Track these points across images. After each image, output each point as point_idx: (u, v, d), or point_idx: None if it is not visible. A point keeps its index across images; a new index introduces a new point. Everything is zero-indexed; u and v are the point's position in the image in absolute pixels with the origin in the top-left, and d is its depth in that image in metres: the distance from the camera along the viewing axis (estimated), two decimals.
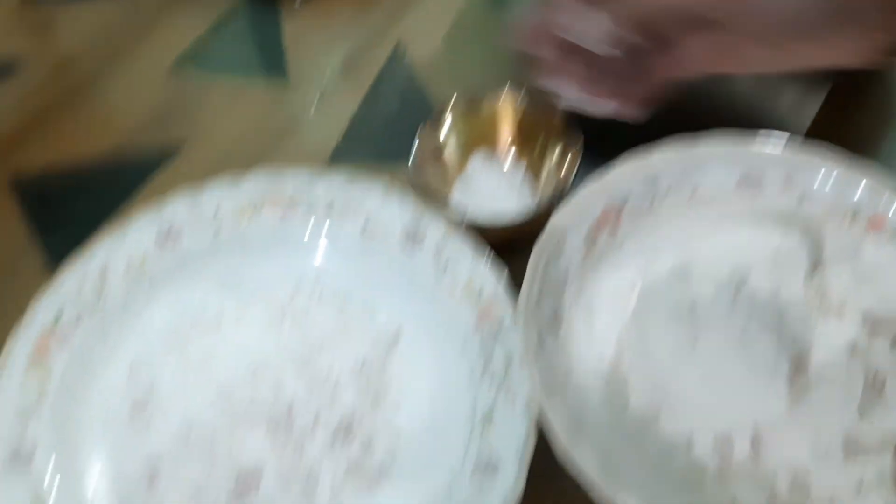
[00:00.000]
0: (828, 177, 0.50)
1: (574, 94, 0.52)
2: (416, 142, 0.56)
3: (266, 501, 0.44)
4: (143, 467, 0.45)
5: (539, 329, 0.45)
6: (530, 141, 0.58)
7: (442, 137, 0.58)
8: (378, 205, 0.54)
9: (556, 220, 0.49)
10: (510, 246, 0.52)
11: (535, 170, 0.58)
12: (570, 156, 0.56)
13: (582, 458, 0.41)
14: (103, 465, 0.47)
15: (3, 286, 0.57)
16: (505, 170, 0.58)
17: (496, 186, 0.57)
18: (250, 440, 0.45)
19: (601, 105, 0.52)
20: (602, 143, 0.53)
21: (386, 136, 0.63)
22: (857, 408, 0.45)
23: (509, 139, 0.59)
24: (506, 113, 0.59)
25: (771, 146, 0.50)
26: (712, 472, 0.45)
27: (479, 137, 0.59)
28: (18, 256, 0.59)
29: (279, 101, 0.67)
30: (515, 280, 0.49)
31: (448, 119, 0.58)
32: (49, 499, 0.45)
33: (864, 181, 0.49)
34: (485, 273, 0.51)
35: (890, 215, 0.49)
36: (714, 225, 0.49)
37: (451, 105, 0.58)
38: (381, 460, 0.47)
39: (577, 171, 0.54)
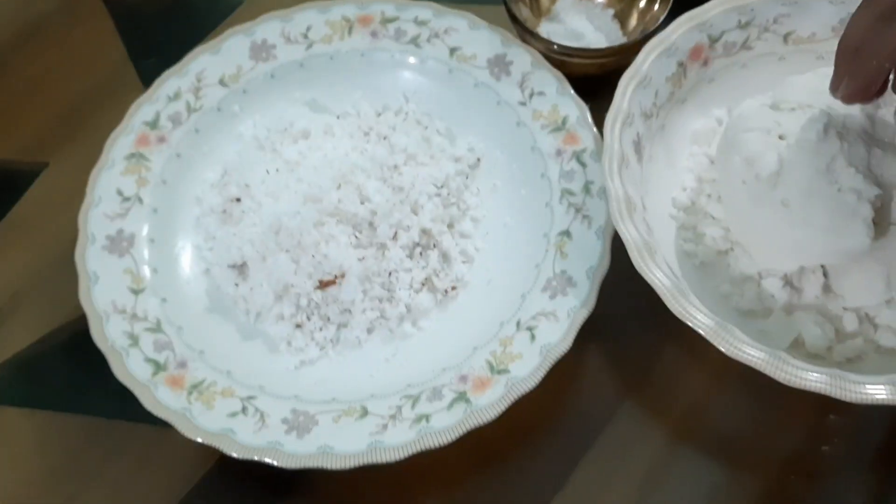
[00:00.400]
0: None
1: None
2: None
3: (348, 296, 0.47)
4: (235, 257, 0.48)
5: (622, 151, 0.46)
6: None
7: None
8: (467, 32, 0.54)
9: (648, 48, 0.48)
10: (598, 81, 0.52)
11: (624, 12, 0.57)
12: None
13: (655, 275, 0.42)
14: (198, 252, 0.50)
15: (102, 101, 0.59)
16: (595, 9, 0.57)
17: (585, 24, 0.56)
18: (335, 240, 0.47)
19: None
20: None
21: None
22: None
23: None
24: None
25: None
26: (781, 305, 0.46)
27: None
28: (116, 74, 0.61)
29: None
30: (600, 117, 0.49)
31: None
32: (146, 280, 0.48)
33: None
34: (570, 103, 0.51)
35: None
36: (810, 65, 0.48)
37: None
38: (456, 273, 0.49)
39: (668, 13, 0.53)
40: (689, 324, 0.41)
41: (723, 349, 0.40)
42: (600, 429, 0.46)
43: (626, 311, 0.48)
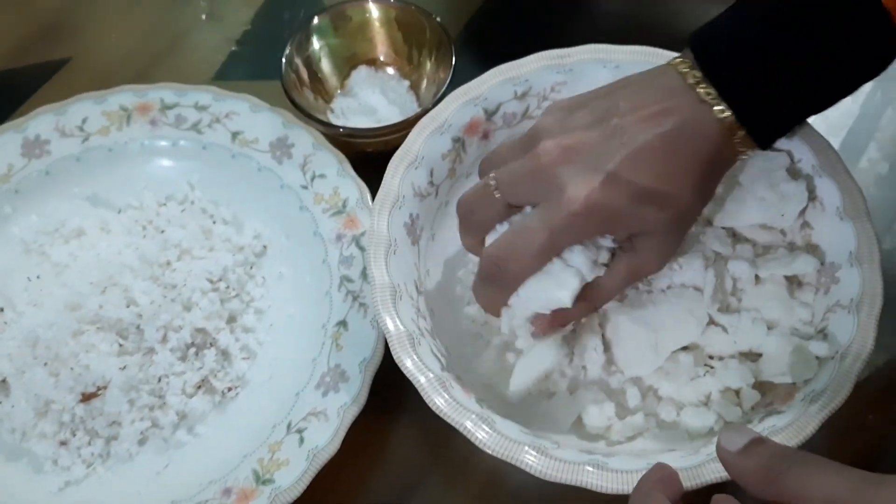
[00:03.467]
0: None
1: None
2: (286, 54, 0.53)
3: (113, 408, 0.44)
4: None
5: (390, 236, 0.44)
6: (406, 50, 0.56)
7: (315, 48, 0.55)
8: (248, 115, 0.52)
9: (419, 127, 0.47)
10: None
11: (417, 83, 0.56)
12: (442, 64, 0.54)
13: (414, 368, 0.40)
14: None
15: None
16: (390, 81, 0.56)
17: (378, 98, 0.55)
18: (96, 349, 0.44)
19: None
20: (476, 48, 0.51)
21: (275, 55, 0.60)
22: (710, 318, 0.44)
23: (387, 49, 0.57)
24: (379, 22, 0.56)
25: (646, 53, 0.48)
26: (566, 384, 0.44)
27: (357, 48, 0.56)
28: None
29: (166, 18, 0.64)
30: None
31: (317, 31, 0.55)
32: None
33: None
34: (350, 184, 0.49)
35: None
36: None
37: (317, 18, 0.55)
38: (236, 372, 0.46)
39: (452, 79, 0.52)
40: (446, 420, 0.39)
41: (478, 444, 0.38)
42: None
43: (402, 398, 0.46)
